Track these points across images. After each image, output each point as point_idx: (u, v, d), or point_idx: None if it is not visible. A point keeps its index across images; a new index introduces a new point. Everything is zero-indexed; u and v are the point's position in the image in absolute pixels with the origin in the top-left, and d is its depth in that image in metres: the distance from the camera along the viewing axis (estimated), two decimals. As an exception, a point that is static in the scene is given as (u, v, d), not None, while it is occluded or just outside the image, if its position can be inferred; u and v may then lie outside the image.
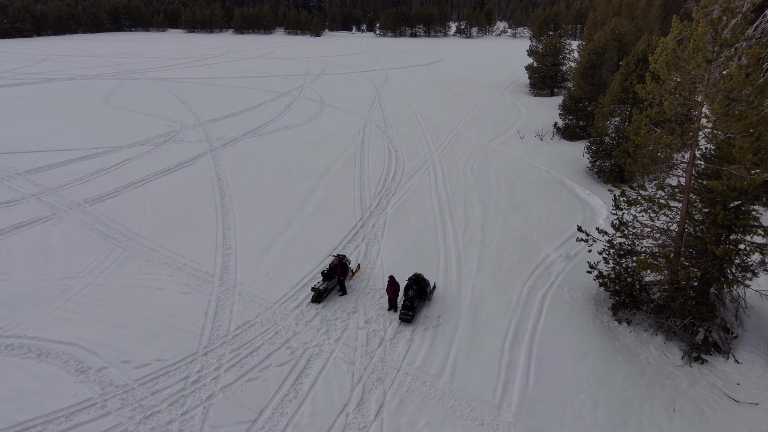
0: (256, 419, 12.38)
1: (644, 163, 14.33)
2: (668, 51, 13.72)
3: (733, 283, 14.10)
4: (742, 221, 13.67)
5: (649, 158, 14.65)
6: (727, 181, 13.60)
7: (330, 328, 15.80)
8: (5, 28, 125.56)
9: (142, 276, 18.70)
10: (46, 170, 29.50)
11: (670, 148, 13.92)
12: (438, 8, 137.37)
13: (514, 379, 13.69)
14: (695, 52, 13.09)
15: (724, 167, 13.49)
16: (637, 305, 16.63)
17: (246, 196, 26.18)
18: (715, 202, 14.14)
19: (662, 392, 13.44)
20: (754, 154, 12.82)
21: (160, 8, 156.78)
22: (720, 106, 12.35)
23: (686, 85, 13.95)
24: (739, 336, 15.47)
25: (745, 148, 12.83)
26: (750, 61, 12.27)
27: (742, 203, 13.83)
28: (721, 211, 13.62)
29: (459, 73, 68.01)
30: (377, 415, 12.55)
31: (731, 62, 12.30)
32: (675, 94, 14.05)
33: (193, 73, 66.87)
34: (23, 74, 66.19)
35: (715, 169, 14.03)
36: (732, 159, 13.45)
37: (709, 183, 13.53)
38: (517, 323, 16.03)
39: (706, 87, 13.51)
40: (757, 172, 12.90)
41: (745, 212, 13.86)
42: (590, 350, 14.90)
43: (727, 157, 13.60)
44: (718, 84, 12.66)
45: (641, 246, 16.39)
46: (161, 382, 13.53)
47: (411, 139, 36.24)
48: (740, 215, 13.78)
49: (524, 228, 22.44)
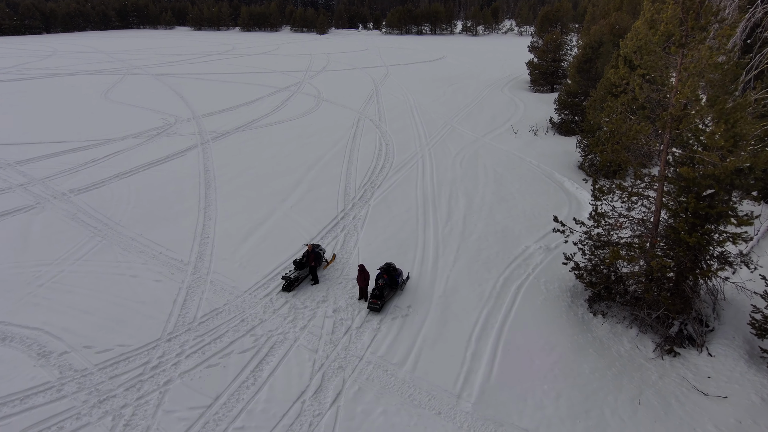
0: (211, 405, 12.23)
1: (615, 149, 13.98)
2: (640, 35, 13.36)
3: (706, 274, 13.71)
4: (716, 210, 13.28)
5: (621, 146, 14.30)
6: (699, 168, 13.22)
7: (297, 316, 15.63)
8: (15, 26, 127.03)
9: (117, 264, 18.66)
10: (36, 161, 29.66)
11: (640, 134, 13.56)
12: (444, 6, 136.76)
13: (477, 370, 13.41)
14: (666, 35, 12.73)
15: (696, 154, 13.10)
16: (613, 297, 16.28)
17: (231, 187, 26.10)
18: (688, 190, 13.75)
19: (630, 384, 13.09)
20: (726, 141, 12.43)
21: (168, 6, 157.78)
22: (689, 91, 11.97)
23: (659, 70, 13.58)
24: (715, 329, 15.06)
25: (716, 135, 12.45)
26: (721, 43, 11.88)
27: (716, 192, 13.43)
28: (693, 199, 13.24)
29: (460, 70, 67.57)
30: (334, 402, 12.34)
31: (700, 45, 11.92)
32: (647, 80, 13.69)
33: (194, 69, 67.14)
34: (28, 70, 66.84)
35: (689, 156, 13.64)
36: (705, 146, 13.06)
37: (681, 170, 13.15)
38: (487, 314, 15.74)
39: (679, 72, 13.13)
40: (730, 159, 12.50)
41: (719, 201, 13.47)
42: (560, 342, 14.57)
43: (700, 144, 13.21)
44: (689, 68, 12.29)
45: (617, 237, 16.03)
46: (121, 367, 13.44)
47: (403, 134, 35.98)
48: (714, 204, 13.39)
49: (507, 221, 22.10)
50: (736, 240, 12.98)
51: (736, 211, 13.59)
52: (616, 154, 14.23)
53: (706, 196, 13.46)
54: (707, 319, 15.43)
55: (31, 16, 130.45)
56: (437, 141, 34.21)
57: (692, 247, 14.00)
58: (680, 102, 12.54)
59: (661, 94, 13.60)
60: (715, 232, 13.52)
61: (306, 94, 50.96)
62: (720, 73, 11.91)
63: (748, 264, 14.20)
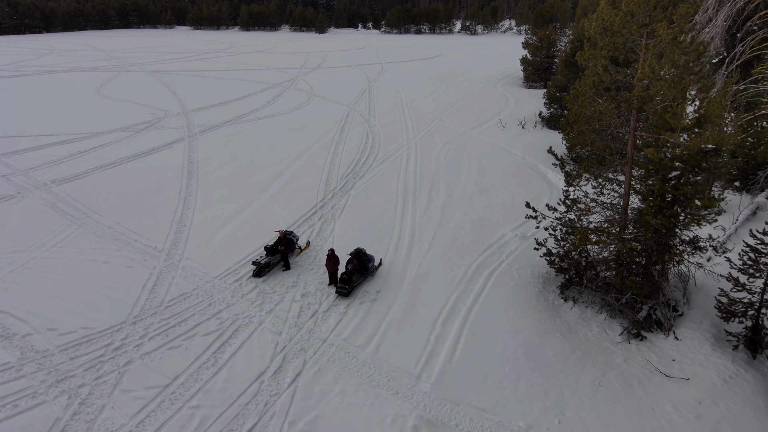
0: (168, 384, 12.19)
1: (581, 132, 13.89)
2: (604, 16, 13.27)
3: (672, 257, 13.60)
4: (681, 191, 13.16)
5: (588, 128, 14.21)
6: (664, 150, 13.11)
7: (265, 300, 15.58)
8: (15, 25, 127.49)
9: (90, 250, 18.65)
10: (21, 153, 29.71)
11: (604, 116, 13.47)
12: (444, 6, 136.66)
13: (440, 352, 13.33)
14: (629, 15, 12.64)
15: (661, 136, 12.99)
16: (584, 283, 16.17)
17: (213, 178, 26.08)
18: (655, 173, 13.64)
19: (593, 367, 12.99)
20: (689, 121, 12.32)
21: (168, 5, 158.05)
22: (649, 70, 11.87)
23: (623, 52, 13.49)
24: (684, 314, 14.94)
25: (678, 114, 12.35)
26: (679, 21, 11.77)
27: (682, 174, 13.31)
28: (659, 181, 13.13)
29: (456, 68, 67.47)
30: (292, 383, 12.28)
31: (659, 24, 11.82)
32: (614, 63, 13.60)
33: (190, 67, 67.22)
34: (24, 67, 67.06)
35: (654, 138, 13.53)
36: (669, 127, 12.95)
37: (646, 151, 13.05)
38: (456, 299, 15.65)
39: (644, 53, 13.04)
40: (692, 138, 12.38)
41: (684, 183, 13.35)
42: (526, 326, 14.48)
43: (665, 125, 13.10)
44: (649, 48, 12.19)
45: (587, 222, 15.93)
46: (82, 348, 13.41)
47: (392, 128, 35.92)
48: (679, 186, 13.28)
49: (486, 210, 22.01)
50: (699, 221, 12.86)
51: (704, 194, 13.49)
52: (582, 137, 14.13)
53: (672, 179, 13.34)
54: (677, 304, 15.32)
55: (31, 16, 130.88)
56: (424, 134, 34.14)
57: (658, 230, 13.91)
58: (642, 83, 12.44)
59: (628, 77, 13.49)
60: (681, 214, 13.39)
61: (298, 90, 50.95)
62: (681, 53, 11.79)
63: (716, 248, 14.08)
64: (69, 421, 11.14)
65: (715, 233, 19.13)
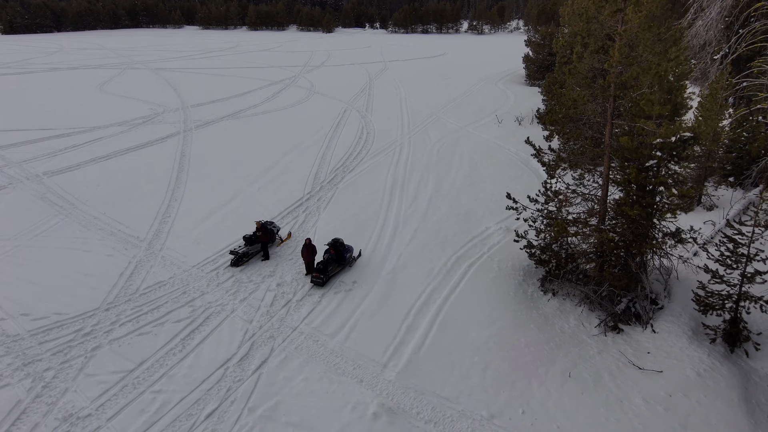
0: (133, 369, 12.14)
1: (554, 120, 13.65)
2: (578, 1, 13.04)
3: (649, 248, 13.30)
4: (657, 180, 12.89)
5: (565, 117, 13.97)
6: (640, 138, 12.84)
7: (240, 289, 15.51)
8: (26, 24, 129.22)
9: (74, 239, 18.72)
10: (18, 146, 29.98)
11: (578, 103, 13.23)
12: (451, 5, 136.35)
13: (409, 341, 13.16)
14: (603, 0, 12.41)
15: (636, 123, 12.73)
16: (565, 275, 15.91)
17: (204, 171, 26.12)
18: (630, 160, 13.37)
19: (564, 358, 12.75)
20: (662, 106, 12.05)
21: (177, 5, 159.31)
22: (620, 55, 11.62)
23: (598, 38, 13.25)
24: (664, 307, 14.62)
25: (652, 101, 12.08)
26: (649, 4, 11.51)
27: (658, 162, 13.02)
28: (635, 170, 12.86)
29: (459, 66, 67.19)
30: (257, 369, 12.18)
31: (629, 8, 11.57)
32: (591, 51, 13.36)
33: (194, 64, 67.59)
34: (31, 64, 67.85)
35: (629, 125, 13.27)
36: (645, 114, 12.69)
37: (621, 139, 12.79)
38: (432, 290, 15.47)
39: (620, 39, 12.78)
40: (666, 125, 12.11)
41: (660, 172, 13.07)
42: (501, 317, 14.26)
43: (641, 113, 12.83)
44: (620, 33, 11.95)
45: (567, 213, 15.67)
46: (53, 333, 13.42)
47: (387, 123, 35.78)
48: (656, 175, 13.01)
49: (473, 203, 21.79)
50: (674, 211, 12.56)
51: (681, 183, 13.20)
52: (560, 124, 13.89)
53: (649, 167, 13.06)
54: (658, 297, 15.01)
55: (42, 15, 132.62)
56: (419, 130, 33.95)
57: (636, 220, 13.64)
58: (614, 69, 12.19)
59: (602, 62, 13.24)
60: (658, 204, 13.11)
61: (299, 87, 50.99)
62: (655, 38, 11.53)
63: (696, 240, 13.75)
64: (30, 404, 11.12)
65: (706, 228, 18.76)
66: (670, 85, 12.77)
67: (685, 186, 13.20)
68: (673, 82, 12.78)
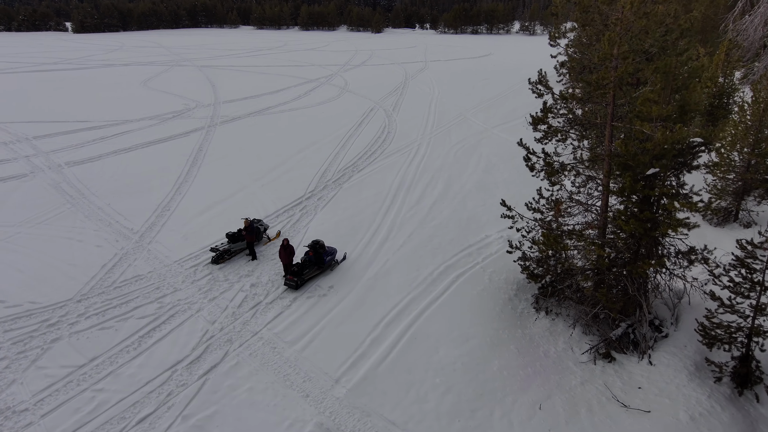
0: (83, 365, 11.88)
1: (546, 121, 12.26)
2: (574, -14, 11.63)
3: (647, 268, 11.67)
4: (660, 191, 11.27)
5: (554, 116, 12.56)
6: (637, 142, 11.27)
7: (213, 288, 15.06)
8: (95, 23, 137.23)
9: (71, 229, 18.99)
10: (51, 137, 31.22)
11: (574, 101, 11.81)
12: (504, 5, 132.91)
13: (371, 356, 12.19)
14: (599, -16, 10.95)
15: (634, 126, 11.17)
16: (549, 292, 14.43)
17: (216, 166, 26.13)
18: (630, 168, 11.79)
19: (540, 387, 11.38)
20: (664, 106, 10.46)
21: (234, 5, 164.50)
22: (607, 45, 10.16)
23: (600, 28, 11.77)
24: (669, 335, 12.88)
25: (652, 101, 10.52)
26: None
27: (659, 171, 11.39)
28: (629, 179, 11.31)
29: (501, 66, 64.96)
30: (204, 374, 11.61)
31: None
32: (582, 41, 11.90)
33: (239, 62, 69.00)
34: (90, 61, 71.59)
35: (628, 128, 11.70)
36: (644, 116, 11.10)
37: (616, 143, 11.28)
38: (410, 300, 14.40)
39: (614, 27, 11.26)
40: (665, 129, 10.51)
41: (661, 182, 11.44)
42: (478, 334, 13.01)
43: (640, 115, 11.25)
44: (613, 21, 10.46)
45: (562, 223, 14.18)
46: (20, 322, 13.44)
47: (411, 123, 34.73)
48: (655, 185, 11.39)
49: (478, 209, 20.46)
50: (676, 228, 10.90)
51: (686, 196, 11.52)
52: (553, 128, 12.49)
53: (649, 177, 11.45)
54: (663, 323, 13.26)
55: (110, 15, 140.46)
56: (442, 130, 32.70)
57: (634, 236, 12.05)
58: (608, 63, 10.71)
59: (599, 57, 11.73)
60: (658, 216, 11.48)
61: (333, 85, 50.78)
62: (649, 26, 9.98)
63: (707, 261, 11.98)
64: (-25, 393, 11.06)
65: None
66: (678, 84, 11.08)
67: (693, 198, 11.48)
68: (681, 80, 11.07)
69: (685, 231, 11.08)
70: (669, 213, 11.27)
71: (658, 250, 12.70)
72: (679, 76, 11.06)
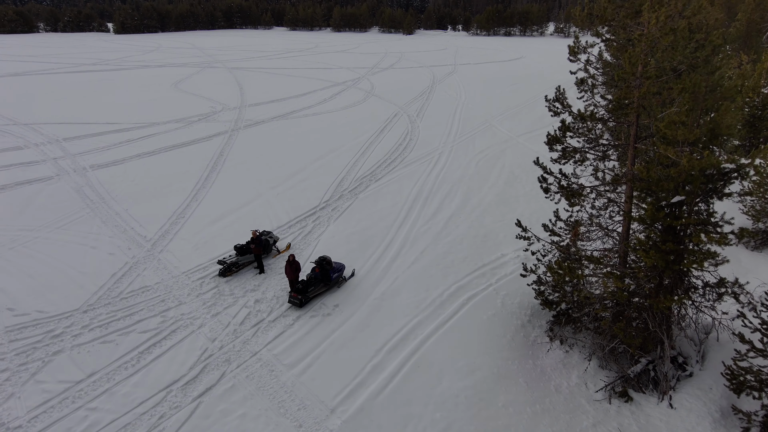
0: (81, 381, 11.80)
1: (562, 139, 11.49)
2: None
3: (669, 304, 10.76)
4: (685, 221, 10.36)
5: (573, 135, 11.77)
6: (660, 168, 10.40)
7: (217, 302, 14.84)
8: (135, 24, 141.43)
9: (87, 234, 19.18)
10: (80, 139, 31.96)
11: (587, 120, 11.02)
12: (539, 7, 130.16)
13: (370, 384, 11.68)
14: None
15: (658, 149, 10.31)
16: (576, 320, 13.59)
17: (234, 172, 26.12)
18: (652, 194, 10.91)
19: (547, 428, 10.64)
20: (689, 132, 9.58)
21: (269, 7, 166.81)
22: (628, 63, 9.35)
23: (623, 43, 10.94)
24: (694, 375, 11.90)
25: (678, 123, 9.65)
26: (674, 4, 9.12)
27: (685, 199, 10.48)
28: (651, 207, 10.44)
29: (532, 71, 63.43)
30: (199, 397, 11.34)
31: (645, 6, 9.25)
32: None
33: (269, 64, 69.64)
34: (127, 62, 73.57)
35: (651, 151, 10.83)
36: (669, 139, 10.23)
37: (636, 168, 10.44)
38: (416, 324, 13.81)
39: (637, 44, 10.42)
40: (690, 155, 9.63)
41: (687, 211, 10.52)
42: (485, 365, 12.33)
43: (665, 137, 10.37)
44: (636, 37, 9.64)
45: (580, 247, 13.34)
46: (26, 332, 13.50)
47: (434, 130, 34.06)
48: (680, 215, 10.48)
49: (496, 224, 19.67)
50: (701, 262, 9.98)
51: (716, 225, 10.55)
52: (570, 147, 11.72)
53: (672, 204, 10.55)
54: (687, 361, 12.27)
55: (149, 17, 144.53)
56: (466, 138, 31.91)
57: (656, 267, 11.15)
58: (630, 81, 9.89)
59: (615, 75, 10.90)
60: (683, 250, 10.56)
61: (359, 89, 50.52)
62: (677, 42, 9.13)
63: (737, 296, 10.98)
64: (-26, 406, 11.09)
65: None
66: (709, 104, 10.17)
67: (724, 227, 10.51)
68: (712, 100, 10.15)
69: (713, 266, 10.15)
70: (695, 246, 10.35)
71: (684, 282, 11.74)
72: (709, 96, 10.14)
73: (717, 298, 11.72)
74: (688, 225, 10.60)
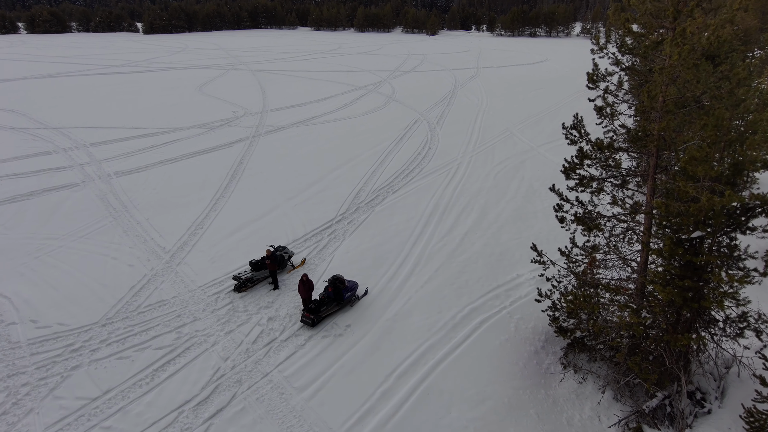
0: (97, 398, 12.08)
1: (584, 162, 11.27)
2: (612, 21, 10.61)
3: (684, 342, 10.46)
4: (704, 258, 10.05)
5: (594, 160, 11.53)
6: (679, 204, 10.09)
7: (231, 319, 15.02)
8: (164, 25, 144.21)
9: (108, 245, 19.64)
10: (106, 144, 32.76)
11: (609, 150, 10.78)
12: (565, 7, 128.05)
13: (378, 411, 11.66)
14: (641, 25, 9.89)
15: (677, 184, 10.01)
16: (589, 350, 13.34)
17: (253, 181, 26.41)
18: (670, 228, 10.60)
19: (557, 464, 10.46)
20: (710, 169, 9.27)
21: (293, 7, 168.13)
22: (647, 97, 9.08)
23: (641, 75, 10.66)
24: (712, 412, 11.54)
25: (697, 159, 9.35)
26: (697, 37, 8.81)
27: (704, 235, 10.16)
28: (669, 241, 10.16)
29: (556, 74, 62.46)
30: (209, 419, 11.49)
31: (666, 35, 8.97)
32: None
33: (292, 66, 70.19)
34: (154, 63, 75.10)
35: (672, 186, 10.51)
36: (689, 175, 9.92)
37: (655, 202, 10.17)
38: (427, 348, 13.73)
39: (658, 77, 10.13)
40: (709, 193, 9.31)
41: (709, 247, 10.20)
42: (496, 394, 12.19)
43: (684, 172, 10.06)
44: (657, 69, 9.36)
45: (597, 275, 13.08)
46: (47, 345, 13.90)
47: (453, 138, 33.84)
48: (699, 251, 10.17)
49: (512, 242, 19.43)
50: (721, 303, 9.66)
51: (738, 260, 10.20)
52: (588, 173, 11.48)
53: (692, 240, 10.24)
54: (706, 397, 11.91)
55: (177, 17, 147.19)
56: (485, 148, 31.61)
57: (673, 303, 10.84)
58: (648, 114, 9.62)
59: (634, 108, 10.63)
60: (701, 287, 10.24)
61: (380, 93, 50.52)
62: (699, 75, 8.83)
63: (759, 333, 10.62)
64: (-5, 420, 11.46)
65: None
66: (732, 138, 9.81)
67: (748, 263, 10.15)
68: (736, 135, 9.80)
69: (733, 305, 9.82)
70: (715, 283, 10.03)
71: (703, 316, 11.39)
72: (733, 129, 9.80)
73: (738, 333, 11.36)
74: (707, 263, 10.28)
